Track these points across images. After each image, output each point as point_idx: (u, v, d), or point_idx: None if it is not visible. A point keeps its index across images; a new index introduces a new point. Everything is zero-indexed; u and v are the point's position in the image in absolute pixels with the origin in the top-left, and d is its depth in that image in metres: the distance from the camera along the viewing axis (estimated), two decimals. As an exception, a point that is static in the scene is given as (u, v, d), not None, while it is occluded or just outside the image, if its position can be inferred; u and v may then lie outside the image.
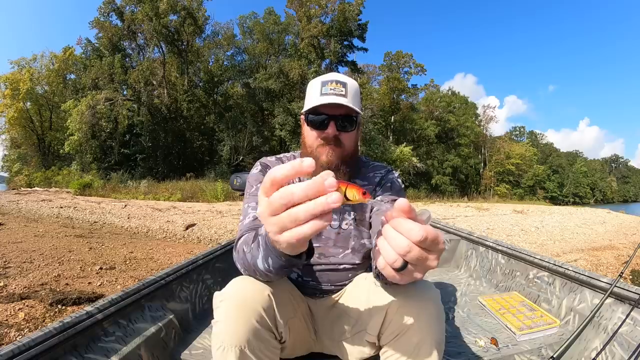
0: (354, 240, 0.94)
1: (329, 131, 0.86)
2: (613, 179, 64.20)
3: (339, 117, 0.87)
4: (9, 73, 21.34)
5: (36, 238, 4.59)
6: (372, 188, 0.97)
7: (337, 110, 0.87)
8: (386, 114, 27.07)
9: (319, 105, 0.85)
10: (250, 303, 0.67)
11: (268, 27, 24.33)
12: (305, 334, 0.89)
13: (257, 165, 0.98)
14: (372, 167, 1.01)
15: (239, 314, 0.66)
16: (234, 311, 0.67)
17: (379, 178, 0.98)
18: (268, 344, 0.70)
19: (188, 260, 1.40)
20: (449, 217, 9.95)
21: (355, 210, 0.94)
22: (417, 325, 0.70)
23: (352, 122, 0.89)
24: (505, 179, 33.27)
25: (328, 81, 0.88)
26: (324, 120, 0.87)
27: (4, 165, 24.35)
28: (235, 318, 0.66)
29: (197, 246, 5.13)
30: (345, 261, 0.94)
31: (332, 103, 0.84)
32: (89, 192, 13.54)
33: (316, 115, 0.88)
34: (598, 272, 3.99)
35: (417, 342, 0.69)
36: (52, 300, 2.31)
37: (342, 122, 0.87)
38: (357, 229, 0.94)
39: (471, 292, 1.75)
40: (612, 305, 1.11)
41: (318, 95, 0.87)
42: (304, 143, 0.93)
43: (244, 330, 0.65)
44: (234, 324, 0.66)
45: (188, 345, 1.13)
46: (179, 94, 21.42)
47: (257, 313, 0.67)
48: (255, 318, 0.67)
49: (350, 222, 0.94)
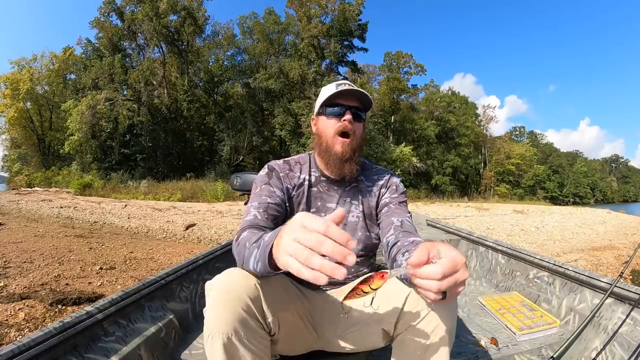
0: (360, 231, 0.99)
1: (347, 118, 0.94)
2: (613, 179, 64.19)
3: (353, 107, 0.96)
4: (9, 73, 21.38)
5: (36, 238, 4.59)
6: (378, 189, 1.03)
7: (352, 101, 0.96)
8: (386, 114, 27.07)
9: (336, 94, 0.93)
10: (237, 291, 0.69)
11: (268, 27, 24.34)
12: (303, 332, 0.89)
13: (265, 168, 1.02)
14: (376, 171, 1.07)
15: (226, 303, 0.67)
16: (221, 299, 0.68)
17: (383, 181, 1.04)
18: (255, 333, 0.71)
19: (188, 260, 1.40)
20: (449, 217, 9.95)
21: (363, 204, 1.01)
22: (432, 314, 0.72)
23: (363, 114, 0.99)
24: (506, 179, 33.26)
25: (341, 83, 0.98)
26: (341, 109, 0.95)
27: (4, 165, 24.39)
28: (222, 306, 0.67)
29: (197, 246, 5.14)
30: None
31: (349, 90, 0.94)
32: (89, 192, 13.55)
33: (333, 107, 0.96)
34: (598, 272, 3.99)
35: (431, 331, 0.72)
36: (52, 300, 2.31)
37: (356, 112, 0.96)
38: (364, 221, 1.00)
39: (471, 292, 1.75)
40: (612, 305, 1.11)
41: (333, 89, 0.95)
42: (320, 136, 1.00)
43: (231, 318, 0.67)
44: (221, 312, 0.67)
45: (188, 345, 1.13)
46: (179, 94, 21.43)
47: (244, 301, 0.68)
48: (241, 306, 0.68)
49: (357, 214, 1.00)
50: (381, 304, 0.82)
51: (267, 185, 0.95)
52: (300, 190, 0.99)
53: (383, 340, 0.84)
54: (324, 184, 1.01)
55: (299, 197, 0.99)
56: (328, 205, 0.99)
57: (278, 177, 0.98)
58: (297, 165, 1.03)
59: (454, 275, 0.52)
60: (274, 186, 0.95)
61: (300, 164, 1.03)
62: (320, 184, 1.01)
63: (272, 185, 0.95)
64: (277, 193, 0.94)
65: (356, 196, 1.01)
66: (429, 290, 0.53)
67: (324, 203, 1.00)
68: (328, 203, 1.00)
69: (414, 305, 0.74)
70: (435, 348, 0.72)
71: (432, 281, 0.52)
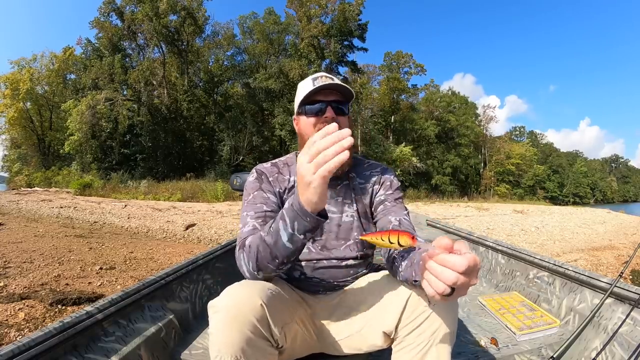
0: (356, 231, 0.96)
1: (328, 115, 0.89)
2: (613, 179, 64.21)
3: (334, 101, 0.91)
4: (9, 73, 21.40)
5: (36, 238, 4.60)
6: (371, 186, 0.99)
7: (331, 95, 0.91)
8: (386, 114, 27.09)
9: (314, 90, 0.88)
10: (243, 315, 0.68)
11: (268, 27, 24.32)
12: (305, 337, 0.89)
13: (253, 173, 0.98)
14: (369, 166, 1.03)
15: (232, 326, 0.67)
16: (227, 323, 0.67)
17: (376, 176, 1.00)
18: (264, 351, 0.71)
19: (188, 260, 1.39)
20: (449, 217, 9.95)
21: (356, 203, 0.97)
22: (434, 316, 0.72)
23: (345, 107, 0.94)
24: (505, 179, 33.26)
25: (318, 76, 0.93)
26: (320, 106, 0.91)
27: (4, 165, 24.41)
28: (229, 330, 0.67)
29: (197, 246, 5.14)
30: (347, 254, 0.95)
31: (327, 84, 0.89)
32: (89, 192, 13.55)
33: (312, 105, 0.92)
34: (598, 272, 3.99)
35: (432, 332, 0.71)
36: (52, 300, 2.31)
37: (338, 105, 0.92)
38: (359, 220, 0.97)
39: (471, 292, 1.75)
40: (612, 305, 1.11)
41: (310, 87, 0.91)
42: (302, 136, 0.95)
43: (238, 341, 0.66)
44: (227, 335, 0.67)
45: (188, 345, 1.13)
46: (179, 94, 21.43)
47: (250, 324, 0.68)
48: (248, 329, 0.67)
49: (351, 214, 0.97)
50: (382, 306, 0.82)
51: (260, 191, 0.92)
52: (291, 193, 0.94)
53: (384, 342, 0.84)
54: None
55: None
56: None
57: (268, 182, 0.95)
58: (285, 167, 0.99)
59: (472, 273, 0.50)
60: (267, 191, 0.92)
61: (289, 165, 1.00)
62: None
63: (265, 191, 0.92)
64: (271, 199, 0.91)
65: (349, 195, 0.98)
66: (444, 281, 0.50)
67: None
68: None
69: (415, 307, 0.74)
70: (436, 350, 0.72)
71: (451, 273, 0.49)
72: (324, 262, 0.95)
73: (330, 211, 0.95)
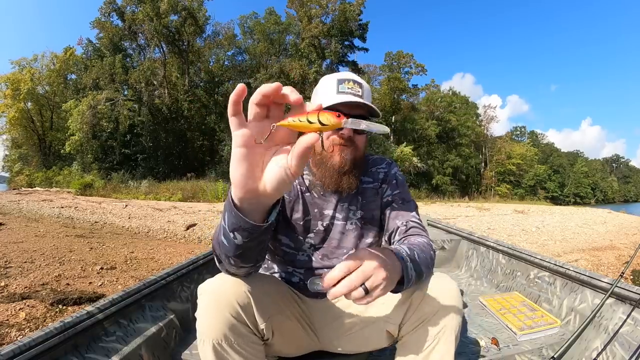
0: (358, 239, 0.94)
1: (345, 131, 0.82)
2: (614, 179, 64.07)
3: (356, 117, 0.84)
4: (10, 73, 21.40)
5: (37, 238, 4.60)
6: (378, 184, 0.96)
7: (355, 110, 0.83)
8: (387, 114, 27.05)
9: (337, 103, 0.80)
10: (227, 297, 0.68)
11: (269, 27, 24.34)
12: (302, 335, 0.88)
13: None
14: (373, 162, 1.00)
15: (215, 308, 0.67)
16: (211, 305, 0.68)
17: (382, 174, 0.97)
18: (247, 339, 0.71)
19: (189, 260, 1.40)
20: (450, 217, 9.94)
21: (362, 209, 0.94)
22: (439, 314, 0.71)
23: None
24: (506, 179, 33.24)
25: (345, 80, 0.85)
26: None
27: (5, 165, 24.41)
28: (212, 312, 0.67)
29: (198, 246, 5.14)
30: None
31: (351, 102, 0.81)
32: (89, 192, 13.57)
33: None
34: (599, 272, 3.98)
35: (437, 332, 0.71)
36: (53, 300, 2.31)
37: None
38: (363, 227, 0.94)
39: (472, 292, 1.75)
40: (613, 305, 1.11)
41: (334, 93, 0.84)
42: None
43: (220, 324, 0.67)
44: (210, 317, 0.67)
45: (189, 345, 1.13)
46: (180, 94, 21.44)
47: (233, 308, 0.68)
48: (230, 312, 0.68)
49: (355, 221, 0.94)
50: (385, 304, 0.81)
51: None
52: (294, 196, 0.92)
53: (386, 341, 0.83)
54: (319, 188, 0.92)
55: (293, 204, 0.92)
56: (325, 212, 0.93)
57: None
58: None
59: (357, 273, 0.53)
60: None
61: None
62: (315, 189, 0.93)
63: None
64: None
65: (355, 200, 0.94)
66: (342, 291, 0.53)
67: (320, 210, 0.92)
68: (325, 210, 0.93)
69: (419, 306, 0.73)
70: (440, 350, 0.71)
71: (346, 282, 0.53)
72: (325, 270, 0.93)
73: (336, 217, 0.93)
